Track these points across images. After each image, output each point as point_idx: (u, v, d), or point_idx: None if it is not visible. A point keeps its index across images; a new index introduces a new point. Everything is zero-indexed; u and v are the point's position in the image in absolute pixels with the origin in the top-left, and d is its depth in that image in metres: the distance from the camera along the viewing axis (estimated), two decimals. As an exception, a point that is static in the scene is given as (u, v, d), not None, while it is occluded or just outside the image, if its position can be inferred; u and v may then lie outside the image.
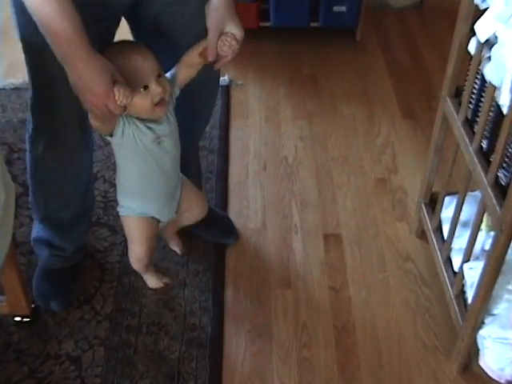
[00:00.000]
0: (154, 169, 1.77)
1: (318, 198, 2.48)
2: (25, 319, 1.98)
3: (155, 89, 1.61)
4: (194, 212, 2.07)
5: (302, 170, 2.59)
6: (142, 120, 1.68)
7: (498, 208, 1.66)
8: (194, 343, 1.96)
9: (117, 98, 1.48)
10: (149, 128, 1.70)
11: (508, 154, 1.69)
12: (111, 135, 1.67)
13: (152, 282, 2.10)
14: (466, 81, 1.92)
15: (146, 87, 1.61)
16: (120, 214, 1.91)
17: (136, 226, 1.90)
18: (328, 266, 2.23)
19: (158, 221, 1.93)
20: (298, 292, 2.15)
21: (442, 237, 2.12)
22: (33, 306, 2.00)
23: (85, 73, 1.45)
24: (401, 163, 2.64)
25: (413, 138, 2.75)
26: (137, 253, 1.96)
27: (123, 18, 1.75)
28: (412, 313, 2.10)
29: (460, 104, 1.94)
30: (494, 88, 1.69)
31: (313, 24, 3.21)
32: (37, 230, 2.09)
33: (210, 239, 2.27)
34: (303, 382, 1.91)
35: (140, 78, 1.60)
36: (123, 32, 1.78)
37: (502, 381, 1.86)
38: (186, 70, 1.73)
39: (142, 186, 1.83)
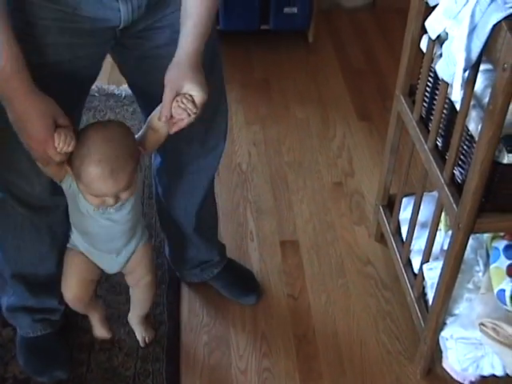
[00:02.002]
0: (93, 229, 1.57)
1: (273, 205, 2.43)
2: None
3: (107, 201, 1.44)
4: (135, 278, 1.79)
5: (257, 177, 2.54)
6: None
7: (454, 206, 1.63)
8: (149, 358, 1.89)
9: (56, 145, 1.33)
10: None
11: (463, 152, 1.67)
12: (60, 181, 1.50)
13: (97, 328, 1.84)
14: (419, 79, 1.89)
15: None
16: (68, 244, 1.67)
17: (75, 262, 1.67)
18: (286, 274, 2.18)
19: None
20: (256, 300, 2.09)
21: (401, 239, 2.09)
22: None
23: (22, 115, 1.31)
24: (357, 166, 2.60)
25: (369, 140, 2.72)
26: (68, 291, 1.70)
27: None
28: (373, 318, 2.06)
29: (414, 103, 1.92)
30: (447, 85, 1.67)
31: (263, 27, 3.16)
32: (7, 298, 1.86)
33: (227, 297, 2.10)
34: (264, 391, 1.86)
35: (98, 194, 1.42)
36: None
37: (466, 382, 1.83)
38: (153, 133, 1.48)
39: (81, 231, 1.61)
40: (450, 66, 1.57)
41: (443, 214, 1.86)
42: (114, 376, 1.84)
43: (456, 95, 1.53)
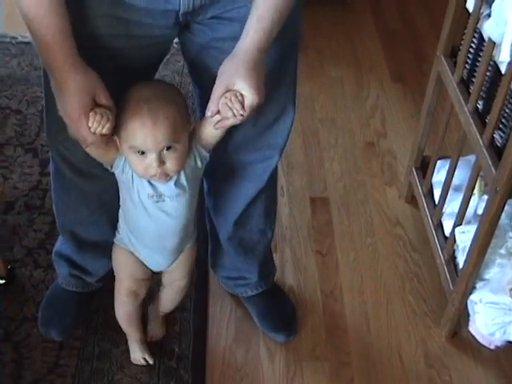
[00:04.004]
0: (145, 223, 1.52)
1: (304, 161, 2.42)
2: (0, 281, 1.91)
3: (151, 162, 1.35)
4: (171, 289, 1.75)
5: (289, 132, 2.52)
6: None
7: (493, 169, 1.62)
8: (177, 307, 1.89)
9: (90, 125, 1.27)
10: (149, 182, 1.44)
11: (505, 115, 1.65)
12: (111, 166, 1.44)
13: (135, 350, 1.77)
14: (462, 40, 1.86)
15: (142, 152, 1.35)
16: (115, 240, 1.65)
17: (121, 261, 1.65)
18: (315, 230, 2.18)
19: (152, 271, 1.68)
20: (285, 256, 2.10)
21: (433, 201, 2.08)
22: (9, 267, 1.93)
23: (60, 87, 1.27)
24: (390, 127, 2.58)
25: (402, 102, 2.69)
26: (120, 284, 1.68)
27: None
28: (401, 278, 2.06)
29: (455, 64, 1.89)
30: (493, 46, 1.64)
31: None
32: (59, 244, 1.86)
33: (257, 326, 1.92)
34: (290, 346, 1.87)
35: (137, 145, 1.34)
36: None
37: (491, 346, 1.83)
38: (207, 125, 1.40)
39: (130, 226, 1.57)
40: (500, 26, 1.55)
41: (478, 178, 1.85)
42: (143, 322, 1.84)
43: (505, 56, 1.51)
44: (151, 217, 1.49)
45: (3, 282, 1.91)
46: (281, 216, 2.20)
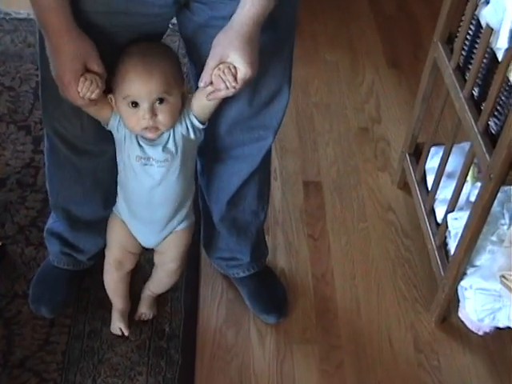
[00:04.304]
0: (133, 184, 1.54)
1: (298, 145, 2.41)
2: (-9, 257, 1.91)
3: (143, 114, 1.37)
4: (161, 270, 1.77)
5: (283, 116, 2.51)
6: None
7: (487, 156, 1.63)
8: (168, 287, 1.90)
9: (79, 90, 1.31)
10: (139, 144, 1.46)
11: (500, 102, 1.65)
12: (107, 124, 1.47)
13: (114, 320, 1.79)
14: (459, 26, 1.86)
15: (135, 104, 1.38)
16: (113, 208, 1.67)
17: (115, 229, 1.67)
18: (307, 214, 2.18)
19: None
20: (277, 239, 2.10)
21: (426, 187, 2.08)
22: (0, 243, 1.92)
23: (54, 51, 1.30)
24: (384, 113, 2.58)
25: (397, 88, 2.69)
26: (109, 253, 1.70)
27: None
28: (392, 263, 2.07)
29: (452, 50, 1.89)
30: (490, 33, 1.64)
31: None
32: (51, 221, 1.86)
33: (248, 306, 1.92)
34: (280, 329, 1.88)
35: (131, 94, 1.37)
36: None
37: (480, 332, 1.84)
38: (201, 96, 1.40)
39: (123, 191, 1.59)
40: (498, 12, 1.55)
41: (471, 166, 1.85)
42: (134, 303, 1.83)
43: (502, 42, 1.51)
44: (139, 180, 1.51)
45: (-6, 258, 1.91)
46: (273, 199, 2.20)
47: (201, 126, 1.47)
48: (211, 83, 1.33)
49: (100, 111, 1.44)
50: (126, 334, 1.79)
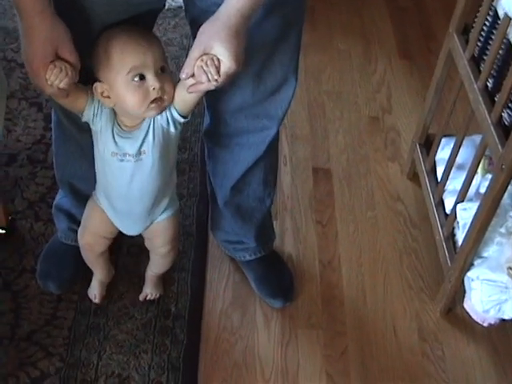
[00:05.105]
0: (109, 178, 1.51)
1: (309, 132, 2.41)
2: (0, 231, 1.91)
3: (153, 83, 1.32)
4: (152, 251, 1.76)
5: (294, 102, 2.45)
6: (112, 123, 1.41)
7: (500, 147, 1.62)
8: (175, 267, 1.90)
9: (47, 77, 1.25)
10: (114, 140, 1.42)
11: (514, 94, 1.64)
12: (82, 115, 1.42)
13: (93, 287, 1.81)
14: (475, 17, 1.85)
15: (142, 77, 1.32)
16: (93, 192, 1.64)
17: (92, 215, 1.65)
18: (316, 201, 2.18)
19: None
20: (285, 224, 2.10)
21: (436, 178, 2.08)
22: (10, 218, 1.93)
23: (25, 33, 1.24)
24: (395, 103, 2.57)
25: (409, 79, 2.68)
26: (81, 236, 1.70)
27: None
28: (399, 253, 2.07)
29: (467, 41, 1.88)
30: (508, 23, 1.64)
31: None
32: (59, 197, 1.87)
33: (254, 291, 1.92)
34: (286, 313, 1.88)
35: (137, 65, 1.31)
36: None
37: (485, 323, 1.84)
38: (182, 88, 1.34)
39: (100, 182, 1.57)
40: (518, 2, 1.54)
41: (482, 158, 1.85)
42: (140, 280, 1.85)
43: (521, 32, 1.50)
44: (115, 175, 1.48)
45: (4, 232, 1.91)
46: (283, 185, 2.21)
47: (181, 120, 1.41)
48: (193, 75, 1.27)
49: (74, 103, 1.38)
50: (97, 301, 1.80)
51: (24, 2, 1.22)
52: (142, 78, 1.32)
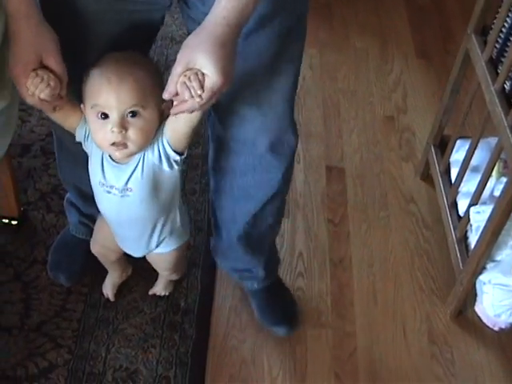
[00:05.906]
0: (98, 201, 1.46)
1: (323, 130, 2.40)
2: (13, 221, 1.92)
3: (112, 126, 1.23)
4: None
5: (309, 100, 2.50)
6: (102, 150, 1.33)
7: (516, 151, 1.60)
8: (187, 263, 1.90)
9: (28, 85, 1.16)
10: (102, 169, 1.35)
11: (532, 97, 1.63)
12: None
13: (106, 286, 1.81)
14: (494, 18, 1.84)
15: (104, 116, 1.25)
16: None
17: (101, 230, 1.63)
18: (329, 199, 2.18)
19: None
20: (297, 221, 2.10)
21: (450, 180, 2.07)
22: (22, 208, 1.93)
23: (11, 37, 1.17)
24: (411, 103, 2.56)
25: (425, 79, 2.67)
26: (93, 245, 1.71)
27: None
28: (411, 254, 2.06)
29: (485, 42, 1.87)
30: (527, 26, 1.63)
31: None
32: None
33: (257, 319, 1.84)
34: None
35: (98, 103, 1.24)
36: None
37: (496, 328, 1.84)
38: (170, 115, 1.25)
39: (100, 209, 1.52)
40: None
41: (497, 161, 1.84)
42: (152, 276, 1.82)
43: (540, 35, 1.49)
44: (103, 204, 1.45)
45: (16, 222, 1.92)
46: (295, 182, 2.20)
47: (177, 157, 1.30)
48: (177, 94, 1.14)
49: (64, 120, 1.33)
50: (111, 299, 1.80)
51: (10, 4, 1.17)
52: (107, 116, 1.25)
